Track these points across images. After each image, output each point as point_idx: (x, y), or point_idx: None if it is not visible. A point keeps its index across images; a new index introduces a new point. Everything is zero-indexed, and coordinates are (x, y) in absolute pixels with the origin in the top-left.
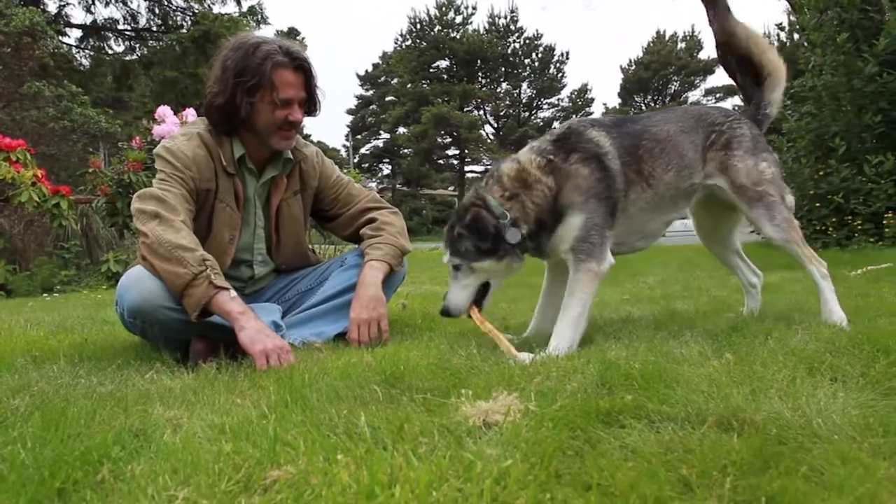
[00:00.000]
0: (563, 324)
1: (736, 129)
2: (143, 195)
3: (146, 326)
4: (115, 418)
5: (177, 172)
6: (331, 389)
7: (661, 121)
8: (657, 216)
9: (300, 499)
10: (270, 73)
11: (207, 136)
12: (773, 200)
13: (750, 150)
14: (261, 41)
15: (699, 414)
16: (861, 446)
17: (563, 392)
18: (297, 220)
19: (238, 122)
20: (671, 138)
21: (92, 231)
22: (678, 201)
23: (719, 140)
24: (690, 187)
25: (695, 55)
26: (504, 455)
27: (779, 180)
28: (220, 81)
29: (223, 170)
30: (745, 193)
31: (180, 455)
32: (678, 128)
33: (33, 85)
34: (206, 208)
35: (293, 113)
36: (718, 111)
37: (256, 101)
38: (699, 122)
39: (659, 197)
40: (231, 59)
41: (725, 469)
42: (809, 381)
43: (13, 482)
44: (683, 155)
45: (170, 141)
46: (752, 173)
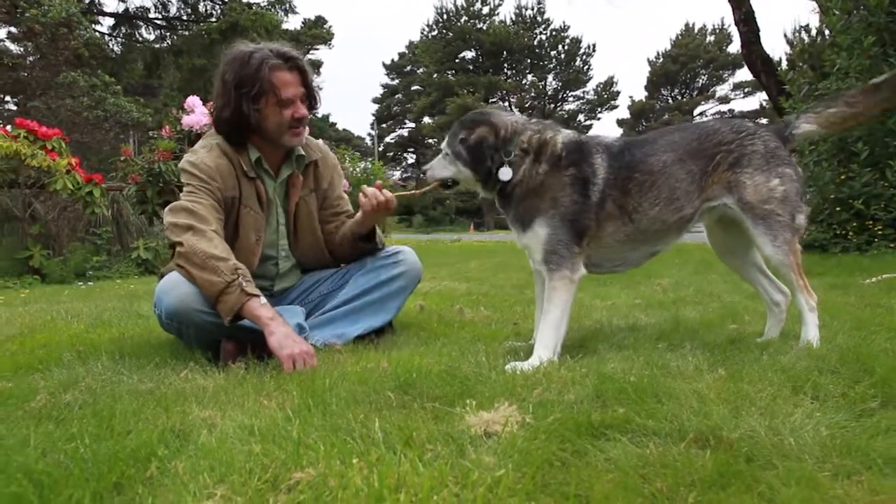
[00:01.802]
0: (544, 330)
1: (747, 147)
2: (175, 208)
3: (182, 328)
4: (157, 417)
5: (203, 184)
6: (349, 394)
7: (662, 147)
8: (640, 247)
9: (319, 498)
10: (269, 76)
11: (225, 145)
12: (778, 220)
13: (761, 166)
14: (253, 50)
15: (681, 430)
16: (823, 466)
17: (560, 404)
18: (313, 216)
19: (249, 130)
20: (666, 170)
21: (122, 218)
22: (666, 234)
23: (726, 160)
24: (681, 219)
25: (724, 48)
26: (499, 464)
27: (792, 198)
28: (223, 95)
29: (244, 175)
30: (751, 211)
31: (216, 454)
32: (677, 156)
33: (69, 75)
34: (233, 215)
35: (298, 110)
36: (730, 128)
37: (262, 106)
38: (704, 143)
39: (641, 231)
40: (228, 73)
41: (693, 484)
42: (792, 399)
43: (77, 476)
44: (675, 188)
45: (192, 155)
46: (760, 190)
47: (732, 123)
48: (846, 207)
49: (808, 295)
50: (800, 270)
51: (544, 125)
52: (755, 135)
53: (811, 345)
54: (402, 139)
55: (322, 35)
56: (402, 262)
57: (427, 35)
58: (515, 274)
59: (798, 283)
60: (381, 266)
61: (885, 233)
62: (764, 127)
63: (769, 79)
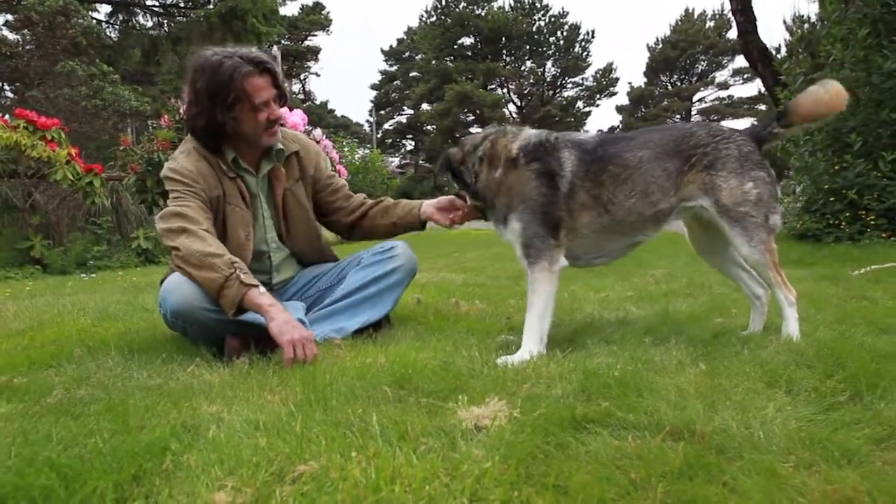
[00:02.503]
0: (530, 323)
1: (721, 150)
2: (166, 215)
3: (187, 325)
4: (169, 412)
5: (188, 188)
6: (348, 389)
7: (639, 144)
8: (619, 238)
9: (321, 490)
10: (242, 84)
11: (202, 148)
12: (753, 221)
13: (735, 169)
14: (222, 57)
15: (659, 423)
16: (787, 458)
17: (547, 398)
18: (302, 206)
19: (225, 136)
20: (641, 165)
21: (122, 207)
22: (643, 226)
23: (702, 162)
24: (657, 213)
25: (723, 34)
26: (487, 456)
27: (766, 200)
28: (196, 104)
29: (225, 175)
30: (726, 213)
31: (225, 448)
32: (654, 153)
33: (66, 64)
34: (220, 213)
35: (272, 112)
36: (706, 131)
37: (237, 113)
38: (680, 144)
39: (618, 222)
40: (200, 82)
41: (664, 475)
42: (766, 393)
43: (99, 469)
44: (650, 182)
45: (172, 162)
46: (735, 193)
47: (709, 127)
48: (840, 198)
49: (787, 290)
50: (777, 267)
51: (501, 132)
52: (729, 139)
53: (791, 338)
54: (400, 126)
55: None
56: (398, 256)
57: (425, 21)
58: (511, 264)
59: (776, 279)
60: (377, 261)
61: (878, 223)
62: (738, 131)
63: (765, 69)
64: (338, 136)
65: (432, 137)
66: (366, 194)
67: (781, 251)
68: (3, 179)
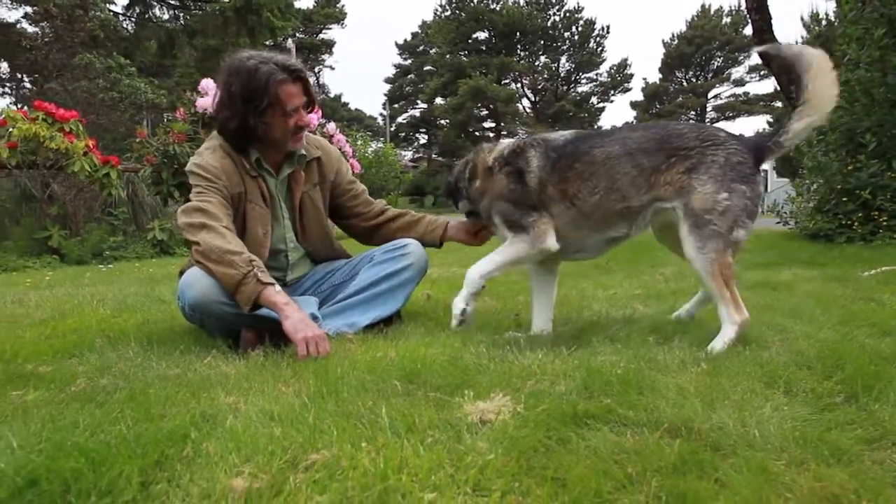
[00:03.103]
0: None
1: (708, 156)
2: (188, 209)
3: (204, 318)
4: (188, 402)
5: (211, 184)
6: (359, 383)
7: (612, 141)
8: (591, 234)
9: (332, 477)
10: (276, 91)
11: (228, 146)
12: (713, 229)
13: (716, 176)
14: (258, 63)
15: (657, 420)
16: (780, 456)
17: (551, 394)
18: (318, 209)
19: (255, 139)
20: (610, 162)
21: (137, 198)
22: (614, 221)
23: (683, 164)
24: (625, 210)
25: (740, 30)
26: (490, 449)
27: (736, 213)
28: (229, 107)
29: (247, 173)
30: (691, 216)
31: (241, 437)
32: (627, 149)
33: (84, 56)
34: (240, 210)
35: (301, 118)
36: (696, 134)
37: (268, 118)
38: (663, 143)
39: (585, 216)
40: (235, 85)
41: (658, 470)
42: (764, 393)
43: (123, 453)
44: (616, 179)
45: (198, 157)
46: (706, 199)
47: (701, 130)
48: (853, 198)
49: (735, 309)
50: (728, 283)
51: (480, 149)
52: (720, 145)
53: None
54: (413, 119)
55: (335, 14)
56: (410, 254)
57: (440, 15)
58: None
59: (723, 294)
60: (389, 258)
61: (891, 224)
62: (737, 139)
63: (779, 68)
64: (351, 129)
65: (445, 132)
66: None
67: (793, 250)
68: (23, 170)
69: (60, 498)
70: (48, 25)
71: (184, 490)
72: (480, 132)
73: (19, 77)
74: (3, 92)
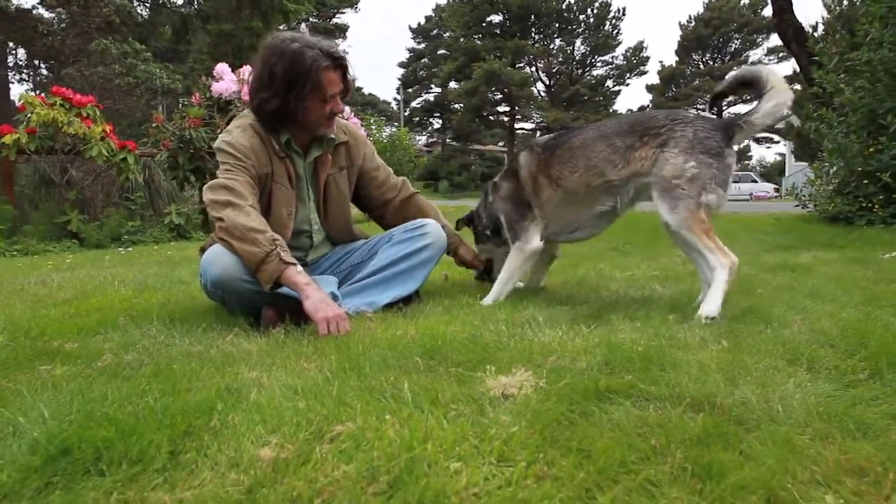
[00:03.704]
0: (496, 284)
1: (677, 132)
2: (214, 186)
3: (225, 295)
4: (212, 377)
5: (239, 163)
6: (381, 359)
7: (589, 129)
8: (581, 209)
9: (358, 448)
10: (319, 77)
11: (258, 125)
12: (682, 193)
13: (685, 149)
14: (303, 46)
15: (680, 395)
16: (804, 430)
17: (572, 370)
18: (342, 193)
19: (291, 121)
20: (585, 145)
21: (154, 183)
22: (597, 195)
23: (655, 140)
24: (605, 184)
25: (758, 12)
26: (513, 422)
27: (703, 180)
28: (270, 88)
29: (276, 154)
30: (661, 183)
31: (266, 410)
32: (600, 133)
33: (101, 42)
34: (266, 190)
35: (336, 105)
36: (666, 115)
37: (308, 102)
38: (634, 126)
39: (570, 194)
40: (278, 66)
41: (682, 442)
42: (786, 370)
43: (151, 423)
44: (591, 157)
45: (227, 135)
46: (675, 169)
47: (671, 112)
48: (873, 180)
49: (719, 252)
50: (708, 233)
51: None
52: (689, 123)
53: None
54: (428, 104)
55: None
56: (428, 234)
57: None
58: None
59: (704, 242)
60: (408, 238)
61: None
62: (704, 119)
63: (800, 48)
64: (365, 114)
65: (460, 116)
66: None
67: (812, 233)
68: (41, 155)
69: (92, 465)
70: (64, 11)
71: (212, 459)
72: (495, 116)
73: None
74: (21, 79)
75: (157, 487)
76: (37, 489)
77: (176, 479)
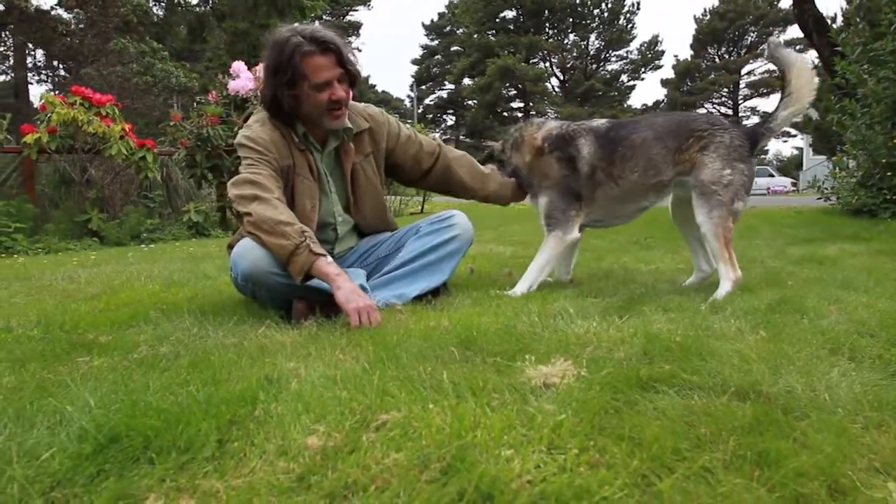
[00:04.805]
0: (530, 269)
1: (717, 137)
2: (238, 181)
3: (256, 289)
4: (250, 367)
5: (262, 156)
6: (417, 350)
7: (644, 126)
8: (629, 204)
9: (406, 436)
10: (300, 64)
11: (276, 120)
12: (718, 199)
13: (723, 156)
14: (290, 35)
15: (723, 384)
16: (855, 418)
17: (611, 360)
18: (371, 181)
19: (285, 112)
20: (644, 143)
21: (172, 181)
22: (647, 193)
23: (697, 144)
24: (658, 183)
25: (775, 4)
26: (559, 411)
27: (737, 187)
28: (264, 80)
29: (296, 147)
30: (700, 187)
31: (308, 399)
32: (655, 133)
33: (119, 41)
34: (289, 183)
35: (335, 92)
36: (706, 119)
37: (298, 92)
38: (681, 127)
39: (626, 192)
40: (268, 58)
41: (733, 430)
42: (829, 360)
43: (197, 413)
44: (651, 158)
45: (247, 130)
46: (714, 174)
47: (710, 118)
48: None
49: (731, 267)
50: (727, 245)
51: (530, 123)
52: (727, 130)
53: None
54: (441, 101)
55: None
56: (456, 225)
57: None
58: None
59: (723, 254)
60: (435, 230)
61: None
62: (738, 126)
63: (821, 39)
64: None
65: (473, 112)
66: None
67: (836, 226)
68: (62, 154)
69: (141, 454)
70: (83, 12)
71: (259, 447)
72: (509, 112)
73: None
74: (39, 79)
75: (208, 475)
76: (89, 476)
77: (226, 467)
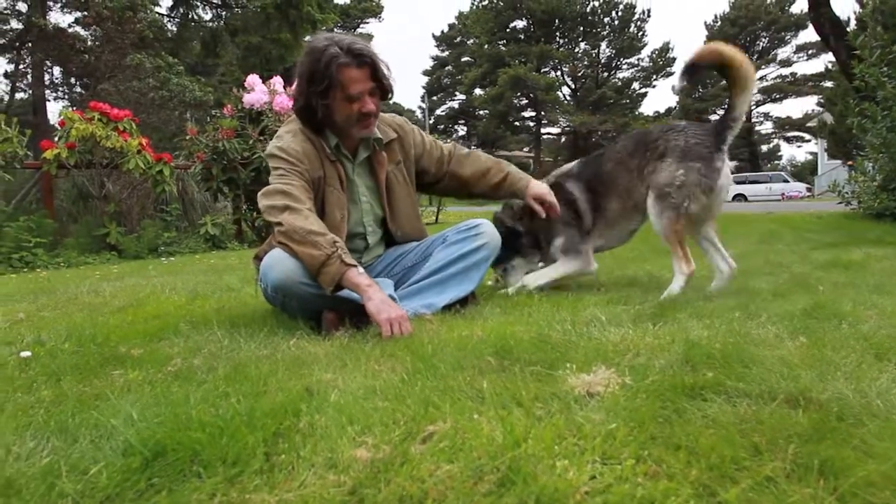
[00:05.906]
0: (545, 271)
1: (671, 141)
2: (269, 192)
3: (286, 300)
4: (288, 379)
5: (293, 167)
6: (453, 359)
7: (608, 159)
8: (621, 225)
9: (455, 447)
10: (337, 74)
11: (308, 130)
12: (670, 201)
13: (678, 158)
14: (327, 44)
15: (771, 391)
16: None
17: (653, 368)
18: (405, 186)
19: (318, 121)
20: (613, 175)
21: (187, 195)
22: (630, 214)
23: (655, 153)
24: (635, 204)
25: (786, 9)
26: (607, 420)
27: (690, 187)
28: (297, 87)
29: (327, 157)
30: (655, 189)
31: (351, 411)
32: (618, 160)
33: (135, 57)
34: (319, 193)
35: (366, 105)
36: (659, 129)
37: (330, 101)
38: (637, 145)
39: (612, 219)
40: (303, 66)
41: (790, 438)
42: (876, 365)
43: (240, 425)
44: (619, 184)
45: (279, 141)
46: (668, 177)
47: (663, 126)
48: None
49: (683, 262)
50: (679, 243)
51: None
52: (681, 132)
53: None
54: (452, 111)
55: (371, 8)
56: (483, 234)
57: (477, 5)
58: None
59: (675, 251)
60: (462, 239)
61: None
62: (696, 126)
63: (838, 42)
64: None
65: (485, 122)
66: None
67: (858, 230)
68: (80, 169)
69: (188, 468)
70: (100, 29)
71: (307, 460)
72: (521, 121)
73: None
74: (57, 96)
75: (258, 489)
76: (138, 491)
77: (275, 480)
